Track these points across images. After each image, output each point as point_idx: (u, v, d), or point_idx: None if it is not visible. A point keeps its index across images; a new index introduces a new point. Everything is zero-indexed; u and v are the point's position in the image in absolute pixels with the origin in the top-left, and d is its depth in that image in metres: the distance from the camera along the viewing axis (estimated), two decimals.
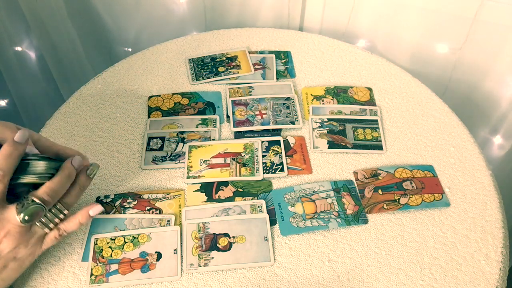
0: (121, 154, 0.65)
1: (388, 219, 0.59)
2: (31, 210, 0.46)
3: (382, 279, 0.53)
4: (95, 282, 0.52)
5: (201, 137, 0.67)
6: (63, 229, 0.51)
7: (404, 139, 0.67)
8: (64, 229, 0.51)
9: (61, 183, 0.49)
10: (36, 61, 1.02)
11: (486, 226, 0.58)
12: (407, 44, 0.86)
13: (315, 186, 0.61)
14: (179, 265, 0.54)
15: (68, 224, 0.51)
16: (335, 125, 0.68)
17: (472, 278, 0.53)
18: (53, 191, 0.48)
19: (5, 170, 0.45)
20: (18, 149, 0.46)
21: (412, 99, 0.72)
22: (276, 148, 0.65)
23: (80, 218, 0.51)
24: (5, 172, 0.45)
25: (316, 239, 0.57)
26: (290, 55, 0.79)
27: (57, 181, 0.48)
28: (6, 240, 0.46)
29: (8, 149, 0.46)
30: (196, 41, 0.82)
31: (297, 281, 0.53)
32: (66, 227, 0.51)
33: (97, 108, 0.71)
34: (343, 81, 0.75)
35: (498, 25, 0.76)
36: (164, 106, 0.71)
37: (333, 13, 0.89)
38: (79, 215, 0.51)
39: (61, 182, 0.49)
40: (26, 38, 0.98)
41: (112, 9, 0.96)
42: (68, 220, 0.51)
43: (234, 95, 0.72)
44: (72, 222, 0.51)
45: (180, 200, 0.60)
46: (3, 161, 0.45)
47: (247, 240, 0.56)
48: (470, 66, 0.83)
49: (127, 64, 0.78)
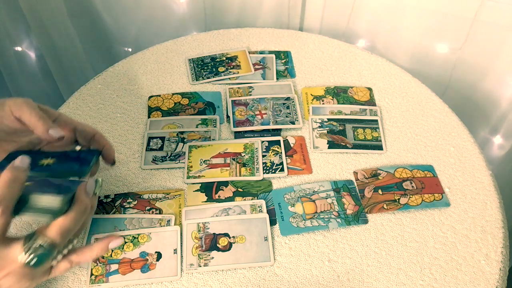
0: (121, 154, 0.65)
1: (388, 219, 0.59)
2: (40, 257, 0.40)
3: (382, 279, 0.53)
4: (95, 282, 0.52)
5: (201, 137, 0.67)
6: (76, 261, 0.44)
7: (404, 139, 0.67)
8: (76, 261, 0.44)
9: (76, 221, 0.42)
10: (36, 61, 1.02)
11: (486, 226, 0.58)
12: (407, 44, 0.86)
13: (315, 186, 0.61)
14: (179, 265, 0.54)
15: (82, 255, 0.44)
16: (335, 125, 0.68)
17: (472, 278, 0.53)
18: (67, 231, 0.41)
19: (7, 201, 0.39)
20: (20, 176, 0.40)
21: (412, 99, 0.72)
22: (276, 148, 0.65)
23: (97, 251, 0.44)
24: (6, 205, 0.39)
25: (316, 239, 0.57)
26: (290, 55, 0.79)
27: (72, 218, 0.41)
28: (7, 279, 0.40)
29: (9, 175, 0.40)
30: (196, 41, 0.82)
31: (297, 281, 0.53)
32: (79, 259, 0.44)
33: (97, 108, 0.71)
34: (343, 81, 0.75)
35: (498, 25, 0.76)
36: (164, 106, 0.71)
37: (333, 13, 0.89)
38: (96, 247, 0.44)
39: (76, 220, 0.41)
40: (26, 38, 0.98)
41: (112, 9, 0.96)
42: (82, 251, 0.44)
43: (234, 95, 0.72)
44: (87, 255, 0.44)
45: (180, 200, 0.60)
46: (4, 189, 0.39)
47: (247, 240, 0.56)
48: (470, 66, 0.83)
49: (127, 64, 0.78)
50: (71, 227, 0.41)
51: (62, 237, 0.41)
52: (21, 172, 0.41)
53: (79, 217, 0.42)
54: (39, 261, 0.40)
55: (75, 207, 0.42)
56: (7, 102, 0.47)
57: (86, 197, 0.43)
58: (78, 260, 0.44)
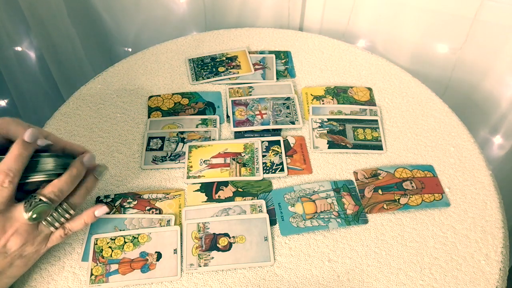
0: (121, 154, 0.65)
1: (388, 219, 0.59)
2: (39, 209, 0.47)
3: (382, 279, 0.53)
4: (95, 282, 0.52)
5: (201, 137, 0.67)
6: (69, 228, 0.51)
7: (404, 139, 0.67)
8: (69, 228, 0.51)
9: (68, 182, 0.49)
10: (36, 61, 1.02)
11: (486, 226, 0.58)
12: (407, 44, 0.86)
13: (315, 186, 0.61)
14: (179, 265, 0.54)
15: (74, 223, 0.51)
16: (335, 125, 0.68)
17: (472, 278, 0.53)
18: (60, 190, 0.48)
19: (15, 171, 0.46)
20: (28, 149, 0.47)
21: (412, 99, 0.72)
22: (276, 148, 0.65)
23: (85, 218, 0.52)
24: (14, 173, 0.46)
25: (316, 239, 0.57)
26: (290, 55, 0.79)
27: (64, 180, 0.49)
28: (14, 238, 0.47)
29: (18, 149, 0.46)
30: (196, 41, 0.82)
31: (297, 281, 0.53)
32: (71, 226, 0.51)
33: (97, 108, 0.71)
34: (343, 81, 0.75)
35: (498, 25, 0.76)
36: (164, 106, 0.71)
37: (333, 13, 0.89)
38: (84, 215, 0.52)
39: (68, 181, 0.49)
40: (26, 38, 0.98)
41: (112, 9, 0.96)
42: (73, 220, 0.51)
43: (234, 95, 0.72)
44: (78, 222, 0.51)
45: (180, 200, 0.60)
46: (13, 162, 0.46)
47: (247, 240, 0.56)
48: (470, 66, 0.83)
49: (127, 64, 0.78)
50: (63, 188, 0.48)
51: (56, 195, 0.48)
52: (29, 146, 0.47)
53: (72, 180, 0.49)
54: (38, 213, 0.47)
55: (68, 171, 0.49)
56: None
57: (80, 165, 0.50)
58: (70, 227, 0.51)
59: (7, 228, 0.46)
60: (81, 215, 0.52)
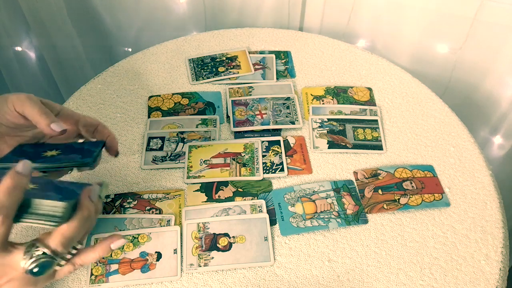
0: (121, 154, 0.65)
1: (388, 219, 0.59)
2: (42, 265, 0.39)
3: (382, 279, 0.53)
4: (95, 282, 0.52)
5: (201, 137, 0.67)
6: (79, 264, 0.43)
7: (404, 139, 0.67)
8: (80, 264, 0.43)
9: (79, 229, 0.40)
10: (36, 61, 1.02)
11: (486, 226, 0.58)
12: (407, 44, 0.86)
13: (315, 186, 0.61)
14: (179, 265, 0.54)
15: (86, 257, 0.43)
16: (335, 125, 0.68)
17: (472, 278, 0.53)
18: (69, 240, 0.40)
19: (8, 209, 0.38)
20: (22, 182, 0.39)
21: (412, 99, 0.72)
22: (276, 148, 0.65)
23: (100, 252, 0.44)
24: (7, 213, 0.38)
25: (316, 239, 0.57)
26: (290, 55, 0.79)
27: (75, 226, 0.40)
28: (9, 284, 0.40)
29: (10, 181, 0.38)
30: (196, 41, 0.82)
31: (297, 281, 0.53)
32: (83, 261, 0.43)
33: (97, 108, 0.71)
34: (343, 81, 0.75)
35: (498, 25, 0.76)
36: (164, 106, 0.71)
37: (333, 13, 0.89)
38: (98, 248, 0.44)
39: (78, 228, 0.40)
40: (26, 38, 0.98)
41: (112, 9, 0.96)
42: (85, 253, 0.43)
43: (234, 95, 0.72)
44: (91, 256, 0.43)
45: (180, 200, 0.60)
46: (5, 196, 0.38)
47: (247, 240, 0.56)
48: (470, 66, 0.83)
49: (127, 64, 0.78)
50: (74, 236, 0.40)
51: (65, 246, 0.40)
52: (22, 178, 0.39)
53: (83, 225, 0.41)
54: (41, 270, 0.39)
55: (78, 214, 0.41)
56: (9, 98, 0.48)
57: (90, 203, 0.42)
58: (81, 262, 0.43)
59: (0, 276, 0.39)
60: (95, 248, 0.44)
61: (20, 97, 0.47)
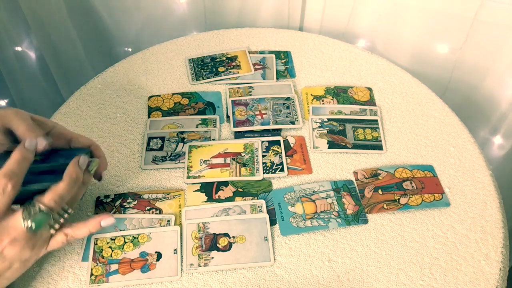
0: (121, 154, 0.65)
1: (388, 219, 0.59)
2: (38, 219, 0.45)
3: (382, 279, 0.53)
4: (95, 282, 0.52)
5: (201, 137, 0.67)
6: (71, 235, 0.49)
7: (404, 139, 0.67)
8: (72, 235, 0.49)
9: (68, 189, 0.47)
10: (36, 61, 1.02)
11: (486, 226, 0.58)
12: (407, 44, 0.86)
13: (315, 186, 0.61)
14: (179, 265, 0.54)
15: (78, 230, 0.49)
16: (335, 125, 0.68)
17: (472, 278, 0.53)
18: (60, 197, 0.47)
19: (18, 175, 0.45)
20: (30, 154, 0.46)
21: (412, 99, 0.72)
22: (276, 148, 0.65)
23: (90, 227, 0.50)
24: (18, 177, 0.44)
25: (316, 239, 0.57)
26: (290, 55, 0.79)
27: (64, 186, 0.47)
28: (11, 246, 0.45)
29: (20, 153, 0.45)
30: (196, 41, 0.82)
31: (297, 281, 0.53)
32: (74, 234, 0.49)
33: (97, 108, 0.71)
34: (343, 81, 0.75)
35: (498, 25, 0.76)
36: (164, 106, 0.71)
37: (333, 13, 0.89)
38: (89, 223, 0.50)
39: (67, 188, 0.47)
40: (26, 38, 0.98)
41: (112, 9, 0.96)
42: (77, 227, 0.49)
43: (234, 95, 0.72)
44: (82, 229, 0.49)
45: (180, 200, 0.60)
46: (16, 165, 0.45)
47: (247, 240, 0.56)
48: (470, 66, 0.83)
49: (127, 64, 0.78)
50: (64, 194, 0.47)
51: (56, 203, 0.46)
52: (28, 152, 0.46)
53: (71, 186, 0.48)
54: (38, 225, 0.45)
55: (66, 177, 0.48)
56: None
57: (77, 169, 0.49)
58: (72, 233, 0.49)
59: (3, 237, 0.44)
60: (86, 223, 0.50)
61: (8, 112, 0.49)
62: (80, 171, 0.49)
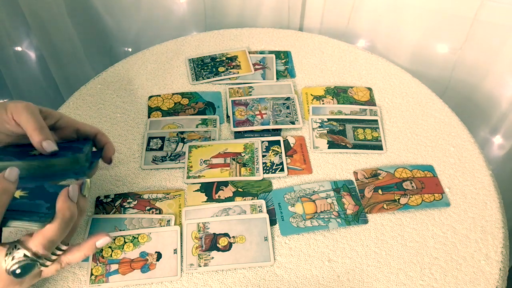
0: (121, 154, 0.65)
1: (388, 219, 0.59)
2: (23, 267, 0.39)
3: (382, 279, 0.53)
4: (95, 282, 0.52)
5: (201, 137, 0.67)
6: (66, 262, 0.44)
7: (404, 139, 0.67)
8: (66, 262, 0.44)
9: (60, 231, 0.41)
10: (36, 61, 1.02)
11: (486, 226, 0.58)
12: (407, 44, 0.86)
13: (315, 186, 0.61)
14: (179, 265, 0.54)
15: (72, 256, 0.44)
16: (335, 125, 0.68)
17: (472, 278, 0.53)
18: (50, 242, 0.40)
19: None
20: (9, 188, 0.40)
21: (412, 99, 0.72)
22: (276, 148, 0.65)
23: (85, 251, 0.45)
24: None
25: (316, 239, 0.57)
26: (290, 55, 0.79)
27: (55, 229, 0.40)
28: None
29: None
30: (196, 41, 0.82)
31: (297, 281, 0.53)
32: (69, 260, 0.44)
33: (97, 108, 0.71)
34: (343, 81, 0.75)
35: (498, 25, 0.76)
36: (164, 106, 0.71)
37: (333, 13, 0.89)
38: (84, 247, 0.45)
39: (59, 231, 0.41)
40: (26, 38, 0.98)
41: (112, 9, 0.96)
42: (71, 252, 0.44)
43: (234, 95, 0.72)
44: (77, 255, 0.45)
45: (180, 200, 0.60)
46: None
47: (247, 240, 0.56)
48: (470, 66, 0.83)
49: (127, 64, 0.78)
50: (55, 238, 0.41)
51: (46, 248, 0.40)
52: (10, 184, 0.40)
53: (64, 227, 0.41)
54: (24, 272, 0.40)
55: (58, 217, 0.41)
56: (9, 106, 0.47)
57: (69, 204, 0.42)
58: (67, 261, 0.44)
59: None
60: (81, 247, 0.45)
61: (18, 105, 0.47)
62: (73, 204, 0.43)
